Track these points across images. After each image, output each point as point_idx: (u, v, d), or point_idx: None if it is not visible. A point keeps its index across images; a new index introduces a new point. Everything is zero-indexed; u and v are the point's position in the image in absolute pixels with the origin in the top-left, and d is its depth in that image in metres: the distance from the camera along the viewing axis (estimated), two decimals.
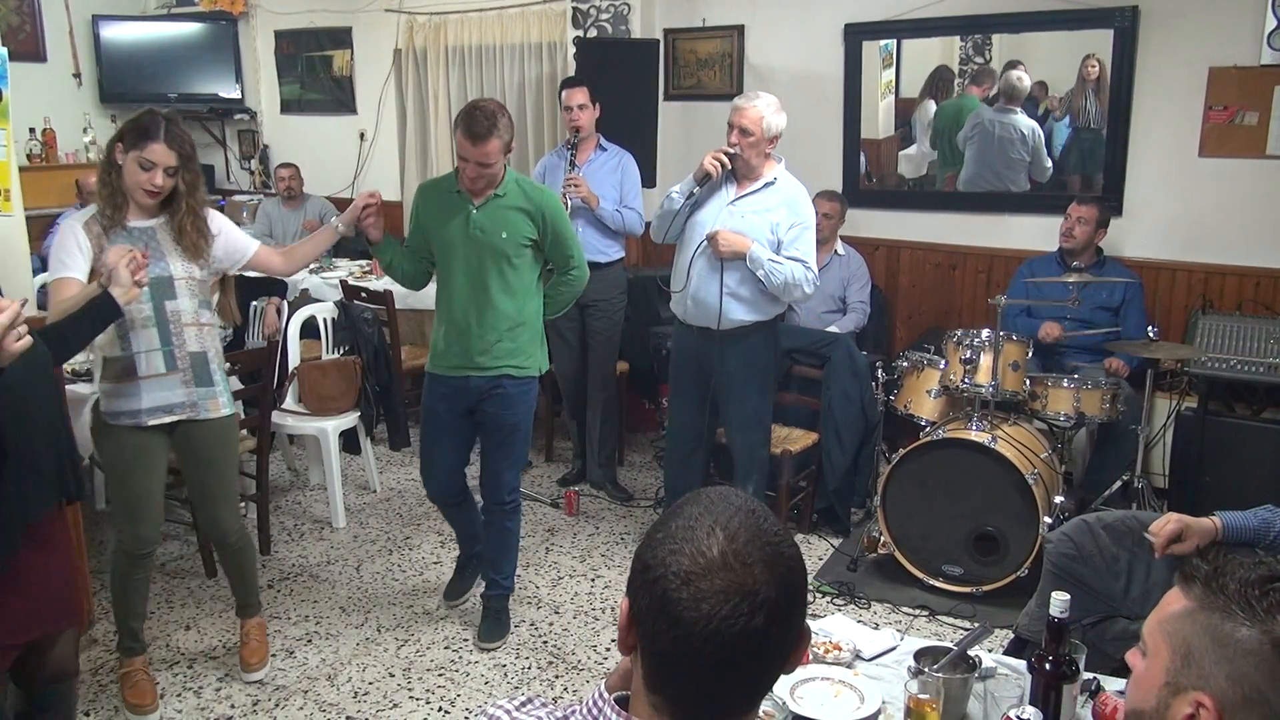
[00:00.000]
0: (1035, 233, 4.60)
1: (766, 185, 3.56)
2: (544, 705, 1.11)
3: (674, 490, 3.92)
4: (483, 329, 3.14)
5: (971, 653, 1.93)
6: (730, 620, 0.93)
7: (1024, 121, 4.70)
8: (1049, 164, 4.71)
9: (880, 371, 4.13)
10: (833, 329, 4.50)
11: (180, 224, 2.79)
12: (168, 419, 2.83)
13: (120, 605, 2.99)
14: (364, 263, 5.82)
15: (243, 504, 4.27)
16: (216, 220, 2.92)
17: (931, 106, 4.98)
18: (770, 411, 3.83)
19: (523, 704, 1.11)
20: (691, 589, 0.94)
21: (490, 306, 3.13)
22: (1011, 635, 2.85)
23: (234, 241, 2.97)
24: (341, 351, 4.62)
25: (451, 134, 3.07)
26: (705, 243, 3.51)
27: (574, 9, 5.50)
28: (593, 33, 5.43)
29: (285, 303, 4.67)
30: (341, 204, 6.64)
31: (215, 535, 3.10)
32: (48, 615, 2.32)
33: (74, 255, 2.68)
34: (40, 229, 5.43)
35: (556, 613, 3.58)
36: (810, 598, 1.07)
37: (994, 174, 4.82)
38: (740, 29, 5.33)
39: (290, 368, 4.49)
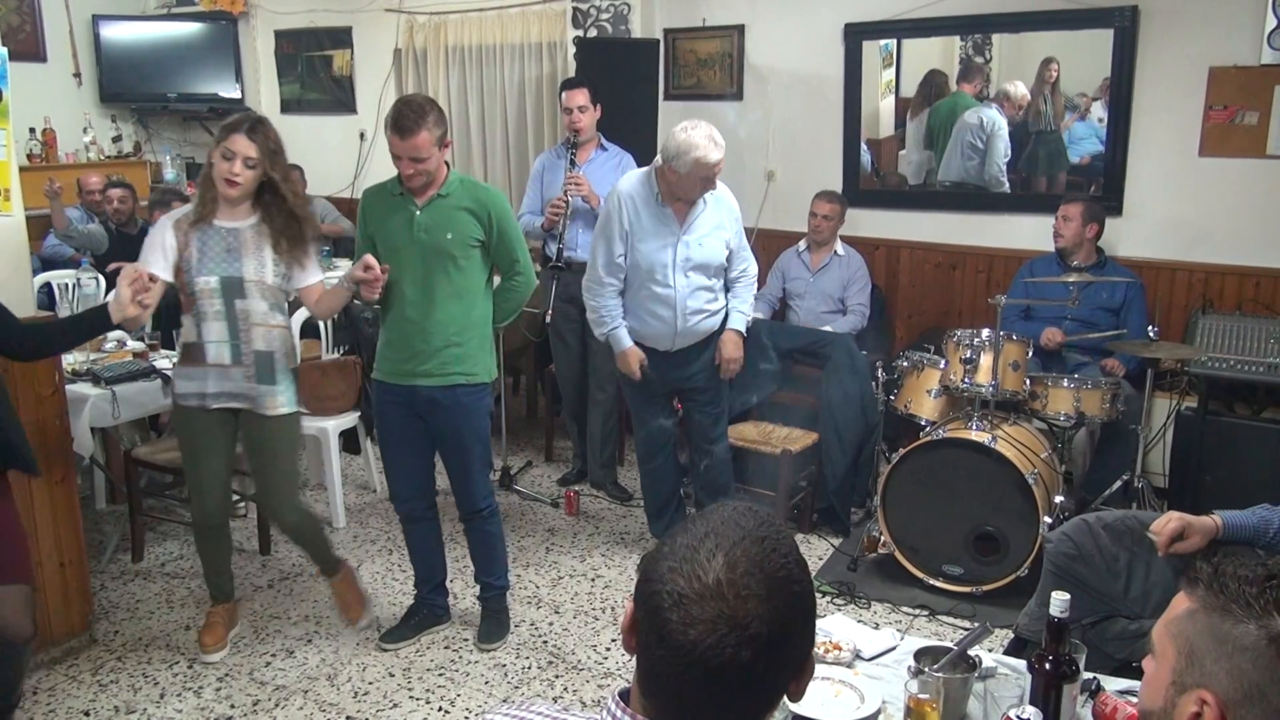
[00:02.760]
0: (1035, 233, 4.60)
1: (705, 203, 3.53)
2: (542, 699, 1.12)
3: (658, 501, 3.95)
4: (430, 334, 3.06)
5: (971, 653, 1.93)
6: (715, 650, 0.92)
7: (988, 113, 4.75)
8: (1001, 161, 4.74)
9: (880, 371, 4.12)
10: (827, 328, 4.51)
11: (285, 218, 2.97)
12: (230, 404, 3.05)
13: (204, 564, 3.33)
14: None
15: (242, 503, 4.29)
16: None
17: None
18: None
19: (525, 702, 1.12)
20: (681, 612, 0.93)
21: (437, 310, 3.05)
22: (1011, 635, 2.85)
23: (310, 264, 3.10)
24: (341, 351, 4.62)
25: (385, 131, 2.99)
26: (674, 288, 3.53)
27: (574, 9, 5.50)
28: (593, 33, 5.43)
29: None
30: (341, 204, 6.67)
31: (273, 520, 3.34)
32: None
33: (156, 253, 2.92)
34: (40, 229, 5.43)
35: (556, 613, 3.58)
36: (813, 625, 1.05)
37: (959, 162, 4.88)
38: (740, 29, 5.33)
39: None
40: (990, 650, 2.47)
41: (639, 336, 3.66)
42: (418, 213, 3.02)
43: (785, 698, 1.01)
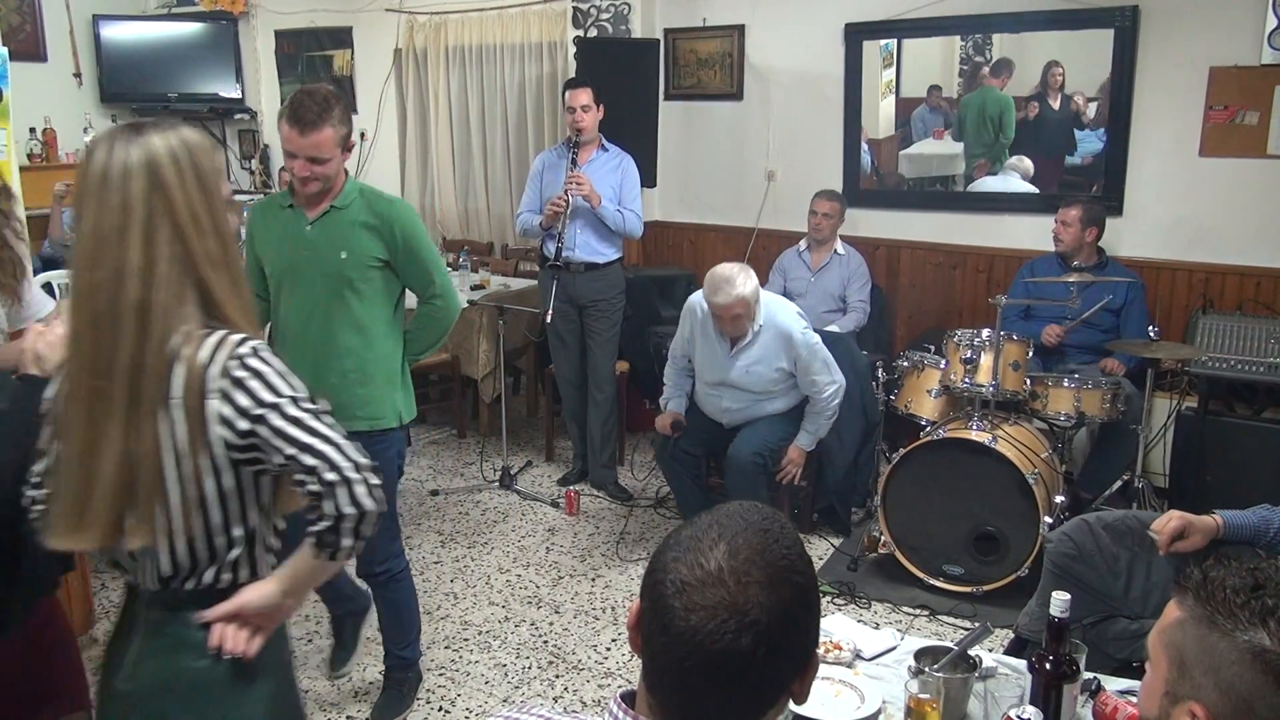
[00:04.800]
0: (1035, 233, 4.60)
1: (755, 335, 3.67)
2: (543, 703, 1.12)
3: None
4: (325, 371, 2.62)
5: (972, 652, 1.93)
6: (715, 636, 0.93)
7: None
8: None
9: (880, 371, 4.12)
10: (833, 328, 4.50)
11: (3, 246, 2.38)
12: None
13: None
14: None
15: None
16: None
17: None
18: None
19: (525, 704, 1.12)
20: (684, 599, 0.94)
21: (333, 343, 2.63)
22: (1012, 635, 2.85)
23: (33, 291, 2.54)
24: None
25: (278, 125, 2.55)
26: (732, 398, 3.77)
27: (574, 9, 5.50)
28: (593, 32, 5.43)
29: None
30: None
31: None
32: (48, 696, 1.99)
33: None
34: (40, 229, 5.43)
35: (557, 613, 3.58)
36: (818, 620, 1.06)
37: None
38: (740, 29, 5.33)
39: None
40: (990, 650, 2.47)
41: (699, 404, 3.91)
42: (308, 228, 2.62)
43: (790, 699, 1.01)
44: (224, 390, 1.41)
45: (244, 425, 1.42)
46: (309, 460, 1.45)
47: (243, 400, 1.42)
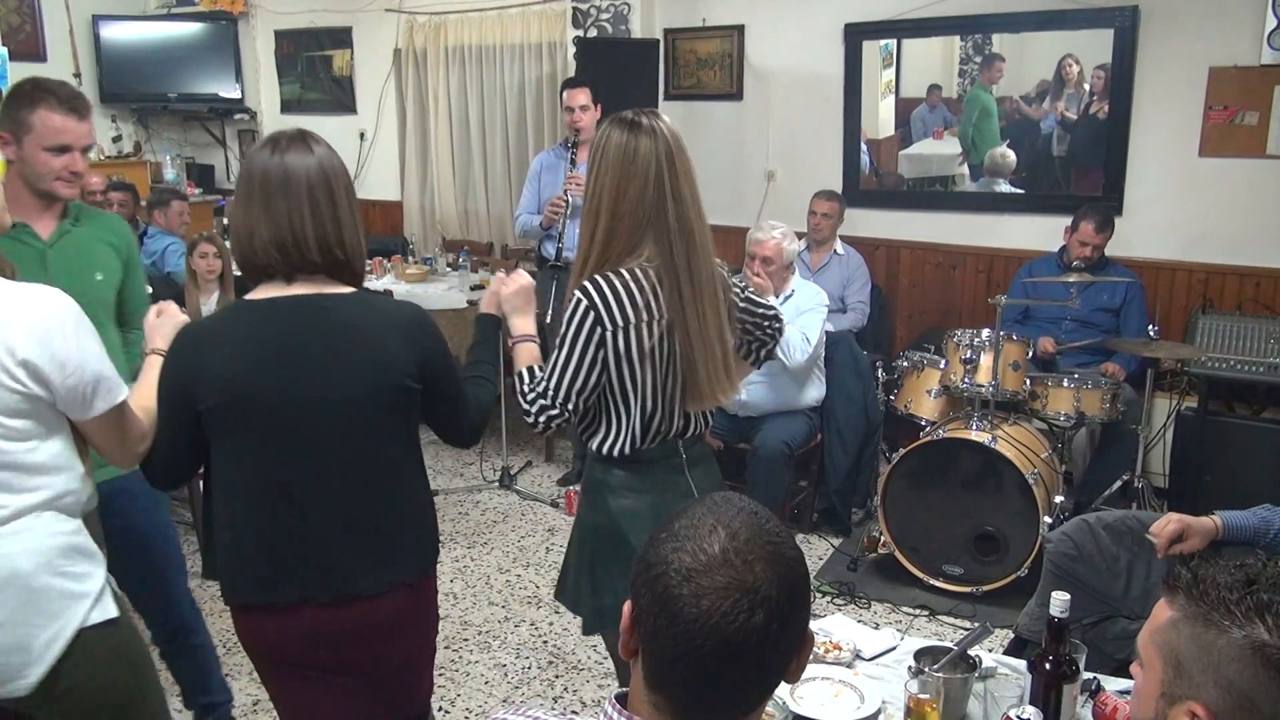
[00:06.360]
0: (1035, 233, 4.60)
1: (788, 299, 3.83)
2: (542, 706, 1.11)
3: None
4: None
5: (971, 652, 1.93)
6: (730, 617, 0.94)
7: None
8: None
9: (880, 371, 4.12)
10: (828, 327, 4.50)
11: None
12: None
13: None
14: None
15: None
16: None
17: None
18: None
19: (523, 706, 1.12)
20: (692, 585, 0.95)
21: None
22: (1011, 635, 2.85)
23: None
24: None
25: (32, 115, 2.10)
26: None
27: (574, 9, 5.50)
28: (593, 32, 5.43)
29: None
30: None
31: None
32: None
33: None
34: None
35: (557, 613, 3.58)
36: (810, 597, 1.07)
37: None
38: (740, 29, 5.33)
39: None
40: (990, 650, 2.47)
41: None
42: (47, 251, 2.15)
43: (784, 680, 1.02)
44: (736, 296, 2.08)
45: (747, 314, 2.11)
46: (776, 318, 2.19)
47: (741, 301, 2.09)
